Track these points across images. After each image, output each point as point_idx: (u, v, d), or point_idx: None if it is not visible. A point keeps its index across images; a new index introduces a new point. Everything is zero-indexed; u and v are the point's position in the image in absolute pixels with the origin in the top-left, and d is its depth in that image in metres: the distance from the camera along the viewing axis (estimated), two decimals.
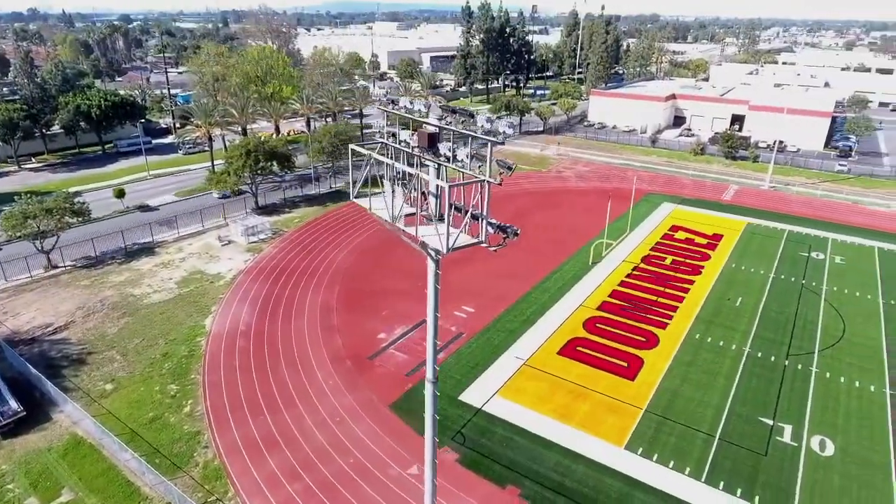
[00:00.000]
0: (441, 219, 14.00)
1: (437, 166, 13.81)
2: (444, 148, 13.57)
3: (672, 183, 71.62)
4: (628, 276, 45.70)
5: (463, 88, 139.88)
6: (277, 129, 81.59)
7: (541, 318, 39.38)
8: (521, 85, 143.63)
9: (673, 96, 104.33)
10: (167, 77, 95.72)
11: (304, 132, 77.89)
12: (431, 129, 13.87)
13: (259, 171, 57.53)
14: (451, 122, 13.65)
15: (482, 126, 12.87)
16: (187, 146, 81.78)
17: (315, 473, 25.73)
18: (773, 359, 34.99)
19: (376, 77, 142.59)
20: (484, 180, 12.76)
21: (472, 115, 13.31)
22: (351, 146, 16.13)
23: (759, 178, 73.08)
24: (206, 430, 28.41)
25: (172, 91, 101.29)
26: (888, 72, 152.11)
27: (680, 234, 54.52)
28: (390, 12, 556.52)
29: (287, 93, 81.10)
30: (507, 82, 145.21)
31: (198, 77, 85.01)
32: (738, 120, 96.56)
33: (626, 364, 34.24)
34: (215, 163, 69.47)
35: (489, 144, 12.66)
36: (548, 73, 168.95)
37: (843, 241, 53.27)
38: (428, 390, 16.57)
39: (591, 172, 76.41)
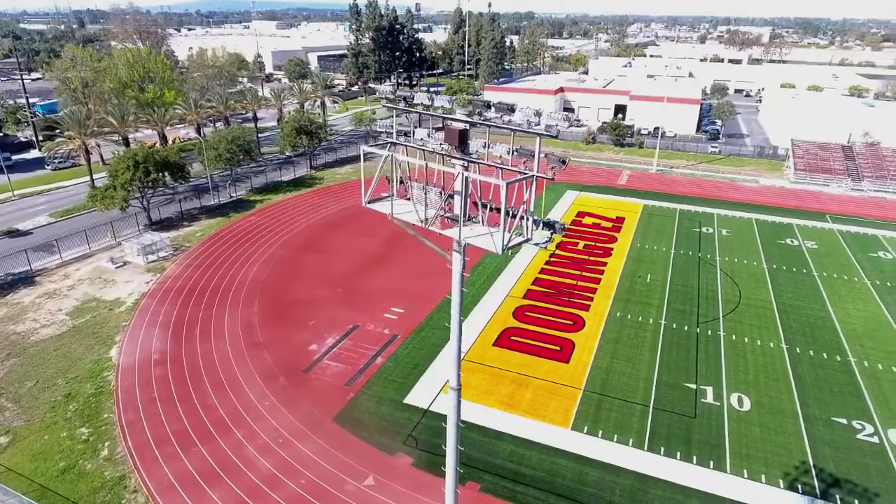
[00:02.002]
0: (466, 219, 13.36)
1: (465, 165, 13.01)
2: (474, 145, 12.88)
3: (571, 171, 75.15)
4: (547, 263, 47.39)
5: (355, 88, 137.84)
6: (164, 137, 75.32)
7: (471, 311, 39.72)
8: (415, 83, 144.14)
9: (561, 89, 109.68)
10: (23, 84, 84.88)
11: (196, 139, 72.53)
12: (460, 125, 13.21)
13: (150, 184, 52.75)
14: (486, 119, 12.96)
15: (528, 120, 12.27)
16: (57, 161, 73.12)
17: (266, 501, 24.07)
18: (686, 328, 37.93)
19: (263, 78, 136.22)
20: (534, 176, 12.16)
21: (511, 110, 12.68)
22: (363, 147, 15.06)
23: (647, 162, 78.94)
24: (131, 473, 25.57)
25: (30, 100, 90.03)
26: (738, 62, 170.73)
27: (587, 220, 57.48)
28: (267, 11, 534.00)
29: (170, 98, 75.06)
30: (399, 80, 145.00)
31: (61, 83, 76.19)
32: (621, 109, 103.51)
33: (559, 348, 35.49)
34: (95, 177, 62.78)
35: (538, 139, 12.09)
36: (438, 71, 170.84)
37: (726, 216, 59.02)
38: (451, 398, 15.93)
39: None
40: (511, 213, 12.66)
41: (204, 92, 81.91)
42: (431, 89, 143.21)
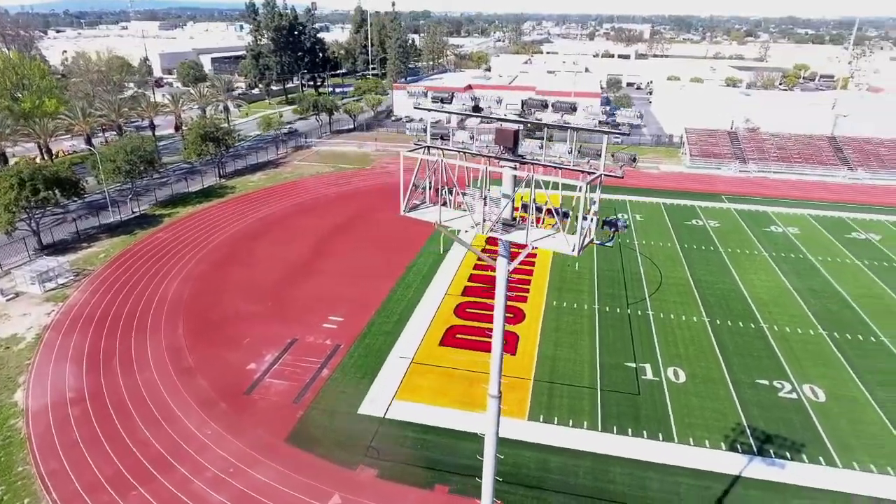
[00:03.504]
0: (514, 224, 13.04)
1: (514, 167, 12.41)
2: (529, 146, 12.32)
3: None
4: (479, 259, 47.92)
5: (256, 91, 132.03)
6: (48, 151, 67.86)
7: (412, 313, 39.29)
8: (320, 83, 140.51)
9: (469, 87, 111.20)
10: None
11: (88, 150, 66.05)
12: (513, 126, 12.54)
13: (39, 203, 47.34)
14: (540, 118, 12.39)
15: (594, 119, 11.84)
16: None
17: None
18: (618, 310, 39.83)
19: (153, 83, 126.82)
20: (600, 174, 11.91)
21: (573, 109, 12.18)
22: (402, 153, 13.98)
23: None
24: None
25: None
26: (627, 57, 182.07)
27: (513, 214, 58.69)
28: (146, 11, 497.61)
29: (51, 107, 67.80)
30: (303, 81, 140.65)
31: None
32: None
33: (504, 341, 35.88)
34: None
35: (605, 137, 11.77)
36: (342, 71, 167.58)
37: (637, 201, 62.72)
38: (491, 406, 15.31)
39: (413, 165, 77.81)
40: (564, 213, 12.44)
41: (90, 99, 74.69)
42: (338, 90, 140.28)
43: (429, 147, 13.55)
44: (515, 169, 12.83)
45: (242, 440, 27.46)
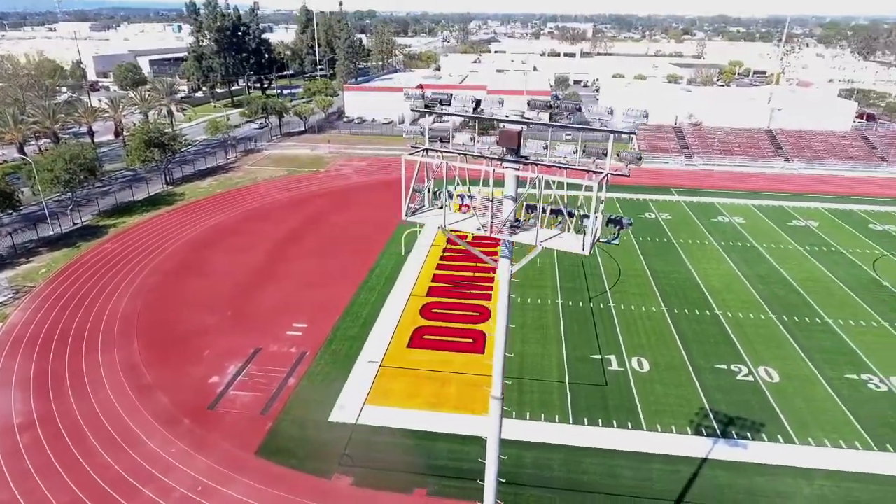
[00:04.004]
0: (517, 225, 12.98)
1: (517, 168, 12.43)
2: (533, 147, 12.35)
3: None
4: (442, 258, 47.92)
5: (200, 94, 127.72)
6: None
7: (378, 316, 38.89)
8: (267, 85, 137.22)
9: (421, 86, 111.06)
10: None
11: (22, 159, 62.15)
12: (516, 127, 12.29)
13: None
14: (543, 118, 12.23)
15: (598, 119, 11.77)
16: None
17: None
18: (580, 304, 40.63)
19: (88, 87, 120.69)
20: (607, 174, 11.99)
21: (578, 109, 12.12)
22: (404, 157, 13.48)
23: None
24: None
25: None
26: (572, 55, 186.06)
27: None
28: (76, 11, 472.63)
29: None
30: (249, 83, 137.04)
31: None
32: (479, 104, 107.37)
33: (471, 340, 36.10)
34: None
35: (610, 137, 11.83)
36: (289, 72, 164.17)
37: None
38: (494, 407, 15.40)
39: (368, 166, 77.31)
40: (569, 213, 12.43)
41: (21, 105, 70.27)
42: (286, 91, 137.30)
43: (427, 150, 13.30)
44: (518, 170, 12.83)
45: (210, 457, 26.49)
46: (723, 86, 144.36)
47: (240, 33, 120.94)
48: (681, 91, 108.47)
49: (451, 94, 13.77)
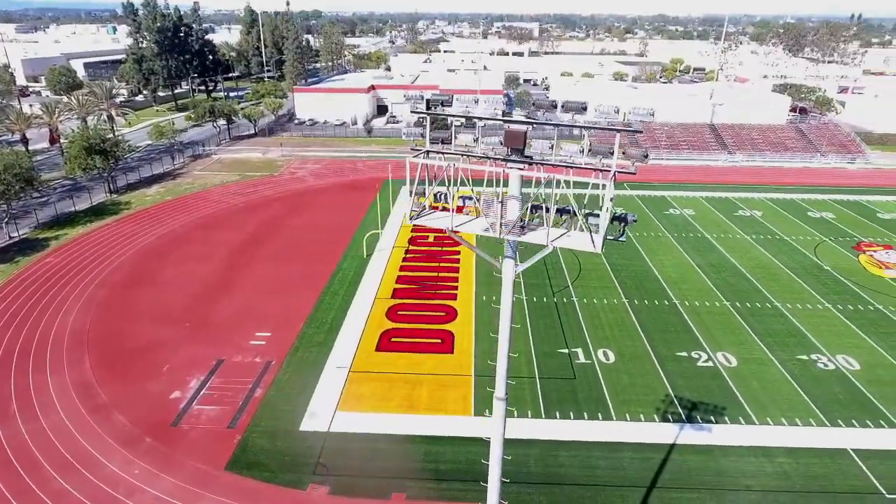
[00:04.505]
0: (522, 225, 13.00)
1: (521, 169, 12.33)
2: (538, 147, 12.21)
3: (400, 167, 76.05)
4: (405, 259, 47.65)
5: (141, 97, 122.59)
6: None
7: (343, 321, 38.31)
8: (212, 88, 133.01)
9: (373, 87, 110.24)
10: None
11: None
12: (521, 127, 12.03)
13: None
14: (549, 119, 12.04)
15: (607, 119, 11.96)
16: None
17: None
18: (545, 300, 41.22)
19: (18, 92, 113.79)
20: (614, 172, 12.12)
21: (584, 109, 12.46)
22: (409, 159, 12.99)
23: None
24: None
25: None
26: (521, 54, 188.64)
27: None
28: (0, 12, 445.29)
29: None
30: (193, 86, 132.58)
31: None
32: (432, 104, 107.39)
33: (440, 340, 36.04)
34: None
35: (617, 135, 12.07)
36: (235, 74, 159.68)
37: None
38: (498, 408, 15.23)
39: (323, 169, 76.06)
40: (573, 212, 12.42)
41: None
42: (232, 94, 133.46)
43: (428, 152, 13.09)
44: (523, 170, 12.82)
45: (177, 475, 25.43)
46: (666, 83, 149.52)
47: (181, 34, 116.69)
48: (626, 88, 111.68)
49: (452, 97, 13.70)
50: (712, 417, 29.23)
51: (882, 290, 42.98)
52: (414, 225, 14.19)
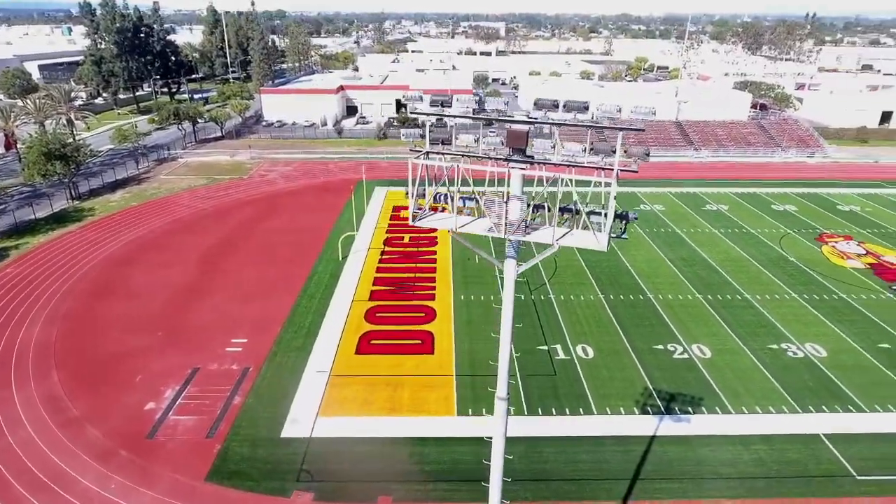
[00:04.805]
0: (525, 224, 13.03)
1: (523, 168, 12.38)
2: (540, 146, 12.19)
3: (373, 168, 75.74)
4: (381, 261, 47.37)
5: (101, 100, 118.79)
6: None
7: (321, 325, 37.86)
8: (175, 90, 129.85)
9: (342, 88, 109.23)
10: None
11: None
12: (523, 127, 11.86)
13: None
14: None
15: (608, 118, 12.05)
16: None
17: None
18: (522, 297, 41.49)
19: None
20: (617, 170, 12.19)
21: (586, 108, 12.26)
22: (410, 161, 12.67)
23: None
24: None
25: None
26: (488, 54, 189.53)
27: (404, 213, 58.72)
28: None
29: None
30: (156, 88, 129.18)
31: None
32: (402, 104, 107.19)
33: (420, 341, 35.94)
34: None
35: (619, 134, 12.09)
36: (199, 76, 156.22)
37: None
38: (499, 408, 15.20)
39: (294, 171, 75.02)
40: (575, 210, 12.40)
41: None
42: (196, 96, 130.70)
43: (428, 153, 12.98)
44: (525, 169, 12.80)
45: (155, 488, 24.74)
46: (631, 81, 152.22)
47: (142, 35, 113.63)
48: (594, 86, 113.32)
49: (452, 97, 13.63)
50: (690, 408, 29.89)
51: (844, 280, 44.63)
52: (414, 226, 14.08)
